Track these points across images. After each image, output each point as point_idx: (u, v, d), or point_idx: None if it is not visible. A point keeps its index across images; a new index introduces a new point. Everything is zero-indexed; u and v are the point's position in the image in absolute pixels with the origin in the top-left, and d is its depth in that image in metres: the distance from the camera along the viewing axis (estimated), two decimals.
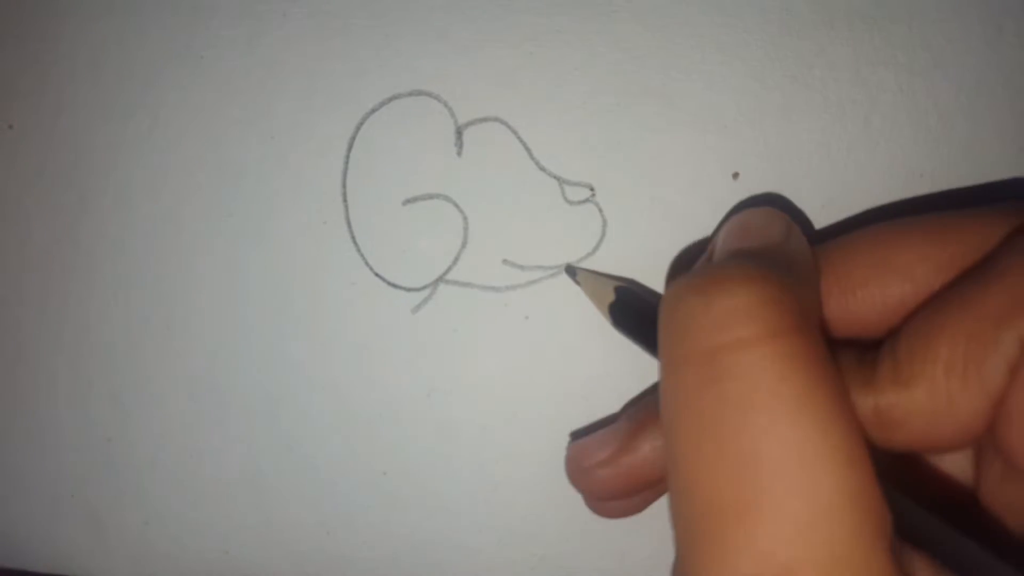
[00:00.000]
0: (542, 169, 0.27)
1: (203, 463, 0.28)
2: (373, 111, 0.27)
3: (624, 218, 0.26)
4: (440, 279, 0.27)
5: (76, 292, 0.28)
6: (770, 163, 0.26)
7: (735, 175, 0.26)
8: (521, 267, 0.27)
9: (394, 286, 0.27)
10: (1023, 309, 0.16)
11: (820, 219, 0.26)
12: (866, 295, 0.20)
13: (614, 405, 0.26)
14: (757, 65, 0.26)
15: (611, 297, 0.25)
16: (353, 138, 0.27)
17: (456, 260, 0.27)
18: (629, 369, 0.26)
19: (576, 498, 0.27)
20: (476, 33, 0.26)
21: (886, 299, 0.20)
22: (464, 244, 0.27)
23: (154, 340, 0.28)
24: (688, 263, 0.26)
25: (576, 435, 0.27)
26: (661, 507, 0.26)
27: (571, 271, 0.26)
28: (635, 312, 0.24)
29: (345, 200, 0.27)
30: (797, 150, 0.26)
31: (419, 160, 0.27)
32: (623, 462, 0.23)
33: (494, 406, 0.27)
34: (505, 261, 0.27)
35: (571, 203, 0.26)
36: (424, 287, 0.27)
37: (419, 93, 0.27)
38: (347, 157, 0.27)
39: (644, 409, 0.24)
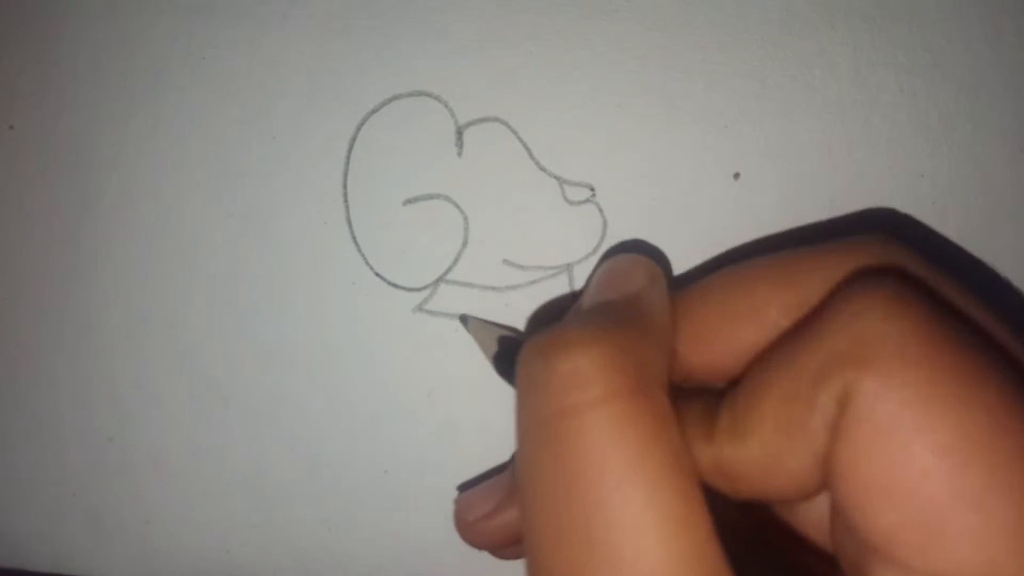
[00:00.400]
0: (542, 169, 0.27)
1: (204, 462, 0.28)
2: (374, 111, 0.27)
3: (624, 218, 0.26)
4: (440, 279, 0.27)
5: (77, 292, 0.28)
6: (771, 163, 0.26)
7: (736, 175, 0.26)
8: (521, 267, 0.27)
9: (394, 286, 0.27)
10: (838, 368, 0.15)
11: (821, 219, 0.26)
12: (720, 341, 0.19)
13: None
14: (758, 65, 0.26)
15: (495, 348, 0.25)
16: (354, 138, 0.27)
17: (456, 260, 0.27)
18: None
19: None
20: (476, 33, 0.26)
21: (739, 344, 0.19)
22: (464, 244, 0.27)
23: (154, 340, 0.28)
24: (559, 312, 0.26)
25: (464, 487, 0.27)
26: None
27: (464, 320, 0.26)
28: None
29: (346, 200, 0.27)
30: (798, 150, 0.26)
31: (419, 160, 0.27)
32: (504, 517, 0.23)
33: (494, 406, 0.27)
34: (505, 261, 0.27)
35: (571, 203, 0.26)
36: (424, 287, 0.27)
37: (419, 93, 0.27)
38: (348, 157, 0.27)
39: None
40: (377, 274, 0.27)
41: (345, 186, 0.27)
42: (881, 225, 0.26)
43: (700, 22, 0.26)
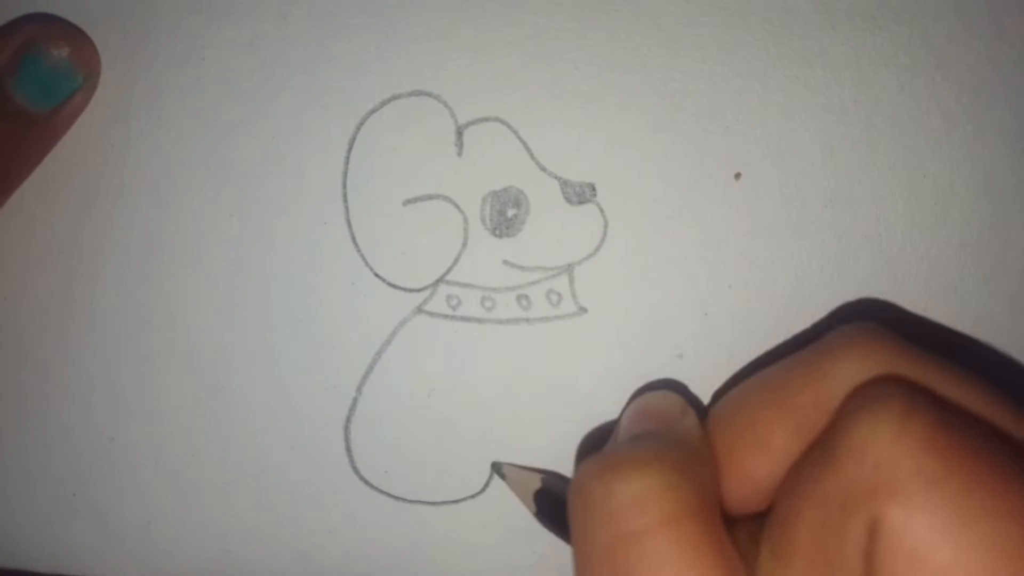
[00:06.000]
0: (543, 169, 0.27)
1: (205, 462, 0.28)
2: (373, 111, 0.27)
3: (626, 219, 0.26)
4: (440, 280, 0.27)
5: (78, 292, 0.28)
6: (772, 164, 0.26)
7: (737, 175, 0.26)
8: (522, 267, 0.27)
9: (394, 286, 0.27)
10: (862, 499, 0.15)
11: (822, 220, 0.26)
12: (735, 472, 0.20)
13: (614, 405, 0.26)
14: (759, 65, 0.26)
15: (537, 485, 0.25)
16: (353, 138, 0.27)
17: (456, 260, 0.27)
18: (629, 368, 0.26)
19: None
20: (476, 33, 0.26)
21: (754, 473, 0.19)
22: (464, 244, 0.27)
23: (156, 340, 0.28)
24: (594, 446, 0.26)
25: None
26: None
27: (496, 467, 0.26)
28: (559, 504, 0.23)
29: (345, 200, 0.27)
30: (799, 150, 0.26)
31: (419, 160, 0.27)
32: None
33: (494, 406, 0.27)
34: (505, 262, 0.27)
35: (572, 203, 0.26)
36: (424, 288, 0.27)
37: (419, 93, 0.27)
38: (347, 157, 0.27)
39: None
40: (377, 275, 0.27)
41: (345, 186, 0.27)
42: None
43: (700, 22, 0.26)
